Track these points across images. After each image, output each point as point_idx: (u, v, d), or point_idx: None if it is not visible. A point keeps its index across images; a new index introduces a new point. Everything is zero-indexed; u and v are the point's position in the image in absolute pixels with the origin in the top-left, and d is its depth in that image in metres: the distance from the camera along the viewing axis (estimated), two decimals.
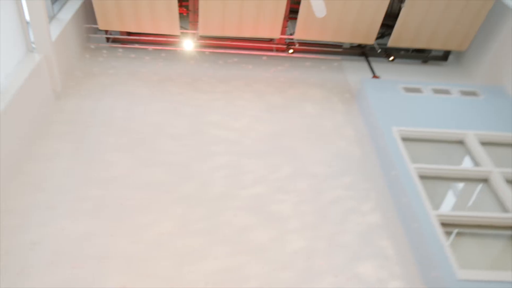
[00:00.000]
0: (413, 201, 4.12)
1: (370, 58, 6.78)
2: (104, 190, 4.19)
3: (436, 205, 4.27)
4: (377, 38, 6.86)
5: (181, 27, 6.19)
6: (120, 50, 6.39)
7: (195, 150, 4.79)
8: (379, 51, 6.60)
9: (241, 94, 5.73)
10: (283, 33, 6.35)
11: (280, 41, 6.51)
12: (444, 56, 6.92)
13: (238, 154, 4.81)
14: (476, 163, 4.79)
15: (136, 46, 6.44)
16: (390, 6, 7.02)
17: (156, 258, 3.63)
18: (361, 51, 6.76)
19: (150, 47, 6.44)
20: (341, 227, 4.10)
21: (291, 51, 6.44)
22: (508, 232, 4.11)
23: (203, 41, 6.42)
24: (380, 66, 6.67)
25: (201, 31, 5.97)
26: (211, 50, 6.49)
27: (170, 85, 5.76)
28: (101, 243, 3.70)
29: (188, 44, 6.31)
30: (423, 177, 4.52)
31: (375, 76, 6.14)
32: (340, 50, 6.70)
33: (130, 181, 4.32)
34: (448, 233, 4.03)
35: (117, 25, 5.92)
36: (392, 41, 6.30)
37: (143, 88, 5.66)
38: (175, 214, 4.05)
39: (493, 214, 4.15)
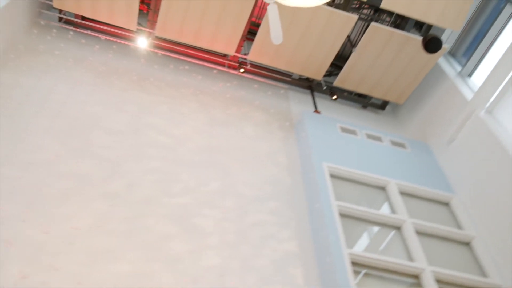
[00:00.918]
0: (330, 236, 4.30)
1: (315, 93, 7.06)
2: (25, 173, 4.02)
3: (351, 244, 4.49)
4: (325, 75, 7.17)
5: (138, 24, 6.12)
6: (71, 33, 6.20)
7: (130, 149, 4.73)
8: (324, 88, 6.90)
9: (186, 102, 5.75)
10: (237, 51, 6.47)
11: (233, 59, 6.62)
12: (382, 105, 7.35)
13: (172, 161, 4.80)
14: (393, 210, 5.10)
15: (89, 32, 6.28)
16: (343, 47, 7.39)
17: (67, 252, 3.52)
18: (308, 85, 7.02)
19: (103, 37, 6.30)
20: (258, 251, 4.20)
21: (242, 70, 6.56)
22: (411, 280, 4.41)
23: (157, 42, 6.39)
24: (323, 102, 6.95)
25: (158, 31, 5.95)
26: (164, 52, 6.47)
27: (116, 79, 5.66)
28: (10, 227, 3.53)
29: (142, 42, 6.25)
30: (343, 215, 4.74)
31: (316, 111, 6.39)
32: (289, 79, 6.92)
33: (55, 169, 4.18)
34: (357, 272, 4.26)
35: (72, 7, 5.76)
36: (338, 81, 6.61)
37: (87, 76, 5.52)
38: (96, 210, 3.96)
39: (400, 261, 4.43)
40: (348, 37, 7.15)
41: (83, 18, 6.24)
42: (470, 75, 6.40)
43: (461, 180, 5.59)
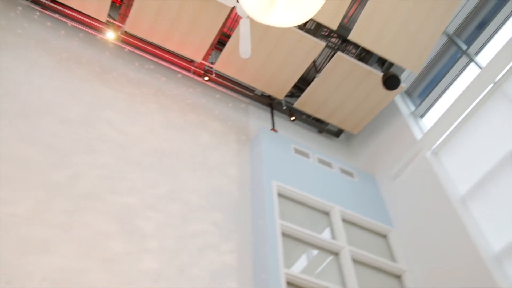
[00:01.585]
0: (269, 254, 4.36)
1: (275, 111, 7.17)
2: None
3: (289, 264, 4.56)
4: (287, 95, 7.30)
5: (109, 15, 6.04)
6: (38, 13, 6.02)
7: (80, 141, 4.62)
8: (284, 108, 7.02)
9: (145, 102, 5.69)
10: (205, 59, 6.49)
11: (199, 65, 6.63)
12: (337, 133, 7.56)
13: (122, 158, 4.73)
14: (333, 236, 5.24)
15: (56, 16, 6.12)
16: (307, 71, 7.56)
17: None
18: (269, 102, 7.12)
19: (70, 23, 6.16)
20: (197, 260, 4.20)
21: (206, 78, 6.58)
22: None
23: (125, 37, 6.31)
24: (281, 121, 7.06)
25: (128, 27, 5.88)
26: (130, 48, 6.40)
27: (77, 68, 5.54)
28: None
29: (110, 35, 6.16)
30: (285, 235, 4.82)
31: (273, 129, 6.49)
32: (251, 94, 7.00)
33: None
34: None
35: None
36: (299, 104, 6.75)
37: (48, 60, 5.36)
38: (36, 198, 3.84)
39: (333, 286, 4.54)
40: (314, 62, 7.34)
41: (53, 0, 6.08)
42: (422, 116, 6.72)
43: (401, 215, 5.82)
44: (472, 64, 6.10)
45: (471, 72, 6.08)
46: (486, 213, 4.90)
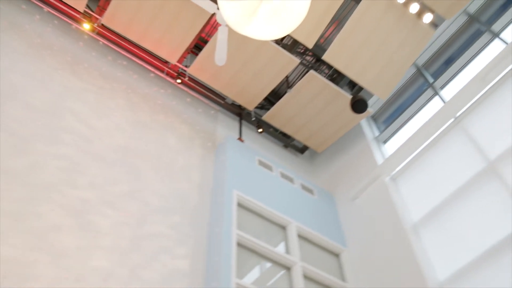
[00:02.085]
0: (222, 262, 4.37)
1: (243, 122, 7.21)
2: None
3: (241, 274, 4.59)
4: (257, 107, 7.37)
5: (87, 6, 5.96)
6: None
7: (43, 130, 4.51)
8: (253, 119, 7.08)
9: (115, 97, 5.63)
10: (180, 61, 6.48)
11: (173, 67, 6.61)
12: (302, 149, 7.67)
13: (84, 152, 4.65)
14: (287, 250, 5.30)
15: (32, 0, 5.99)
16: (279, 85, 7.66)
17: None
18: (239, 112, 7.16)
19: (46, 8, 6.02)
20: (149, 262, 4.17)
21: (179, 81, 6.56)
22: None
23: (102, 30, 6.22)
24: (248, 132, 7.12)
25: (105, 20, 5.81)
26: (105, 42, 6.31)
27: (49, 54, 5.42)
28: None
29: (86, 26, 6.06)
30: (240, 245, 4.85)
31: (240, 139, 6.53)
32: (221, 102, 7.03)
33: None
34: None
35: None
36: (267, 116, 6.82)
37: (19, 44, 5.22)
38: None
39: None
40: (287, 77, 7.45)
41: None
42: (385, 141, 6.92)
43: (355, 236, 5.95)
44: (436, 97, 6.35)
45: (435, 105, 6.32)
46: (435, 242, 5.09)
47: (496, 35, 5.91)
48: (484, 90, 5.48)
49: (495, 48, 5.84)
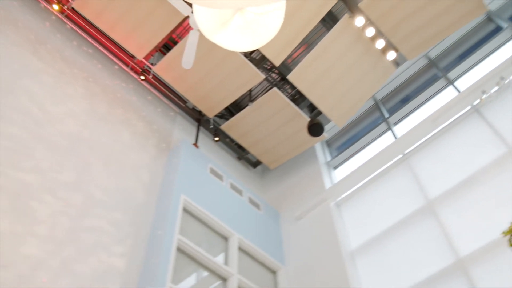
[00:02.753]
0: (159, 266, 4.32)
1: (201, 128, 7.20)
2: None
3: (177, 280, 4.54)
4: (217, 115, 7.39)
5: None
6: None
7: None
8: (211, 126, 7.09)
9: (74, 84, 5.49)
10: (146, 58, 6.43)
11: (139, 63, 6.54)
12: (255, 163, 7.74)
13: (34, 135, 4.49)
14: (226, 261, 5.31)
15: None
16: (242, 97, 7.73)
17: None
18: (198, 118, 7.15)
19: None
20: (84, 256, 4.06)
21: (142, 77, 6.50)
22: None
23: (71, 14, 6.08)
24: (205, 139, 7.11)
25: (76, 4, 5.68)
26: (73, 26, 6.17)
27: (11, 30, 5.22)
28: None
29: (55, 6, 5.90)
30: (180, 250, 4.81)
31: (195, 144, 6.51)
32: (182, 105, 7.00)
33: None
34: None
35: None
36: (226, 126, 6.85)
37: None
38: None
39: None
40: (250, 90, 7.54)
41: None
42: (335, 167, 7.11)
43: (294, 256, 6.03)
44: (389, 132, 6.61)
45: (386, 139, 6.57)
46: (369, 271, 5.25)
47: (451, 82, 6.25)
48: (433, 132, 5.77)
49: (448, 94, 6.18)
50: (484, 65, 6.03)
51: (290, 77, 6.16)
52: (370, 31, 6.03)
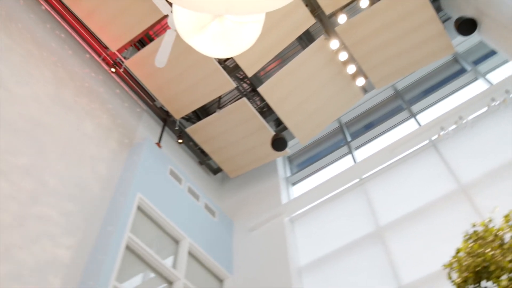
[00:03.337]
0: (106, 262, 4.24)
1: (166, 128, 7.15)
2: None
3: (122, 278, 4.46)
4: (183, 117, 7.36)
5: None
6: None
7: None
8: (176, 128, 7.04)
9: (42, 67, 5.35)
10: (120, 51, 6.36)
11: (112, 55, 6.45)
12: (215, 170, 7.74)
13: None
14: (174, 265, 5.26)
15: None
16: (211, 103, 7.75)
17: None
18: (164, 118, 7.10)
19: None
20: (28, 244, 3.93)
21: (113, 70, 6.41)
22: None
23: None
24: (168, 139, 7.06)
25: None
26: (49, 8, 6.03)
27: None
28: None
29: None
30: (129, 248, 4.74)
31: (158, 144, 6.45)
32: (150, 103, 6.94)
33: None
34: None
35: None
36: (191, 130, 6.83)
37: None
38: None
39: None
40: (220, 97, 7.56)
41: None
42: (294, 184, 7.20)
43: (243, 266, 6.04)
44: (349, 156, 6.77)
45: (346, 162, 6.72)
46: None
47: (413, 115, 6.48)
48: (391, 161, 5.96)
49: (409, 126, 6.40)
50: (445, 103, 6.30)
51: (261, 89, 6.23)
52: (343, 55, 6.20)
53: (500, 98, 5.40)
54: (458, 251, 2.90)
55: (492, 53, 6.08)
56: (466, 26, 5.48)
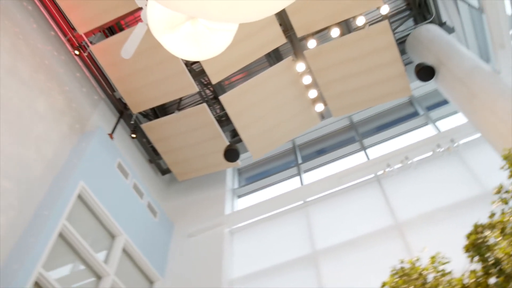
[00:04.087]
0: (35, 247, 4.08)
1: (122, 120, 7.01)
2: None
3: (50, 266, 4.30)
4: (141, 112, 7.27)
5: None
6: None
7: None
8: (132, 122, 6.92)
9: (2, 36, 5.13)
10: (87, 35, 6.22)
11: (78, 37, 6.27)
12: (164, 171, 7.64)
13: None
14: (106, 260, 5.14)
15: None
16: (171, 103, 7.71)
17: None
18: (121, 110, 6.96)
19: None
20: None
21: (77, 52, 6.26)
22: None
23: None
24: (122, 132, 6.93)
25: None
26: None
27: None
28: None
29: None
30: (62, 236, 4.60)
31: (110, 135, 6.31)
32: (109, 92, 6.78)
33: None
34: None
35: None
36: (146, 126, 6.75)
37: None
38: None
39: None
40: (181, 99, 7.54)
41: None
42: (240, 196, 7.25)
43: (176, 272, 5.98)
44: (298, 177, 6.91)
45: (294, 183, 6.85)
46: None
47: (363, 148, 6.72)
48: (336, 189, 6.13)
49: (359, 158, 6.63)
50: (395, 142, 6.59)
51: (222, 98, 6.28)
52: (307, 79, 6.37)
53: (445, 145, 5.71)
54: (383, 284, 3.02)
55: (445, 102, 6.43)
56: (425, 72, 5.78)
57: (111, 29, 7.04)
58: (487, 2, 5.09)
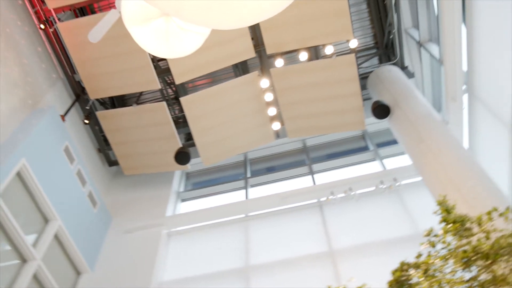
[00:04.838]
0: None
1: (77, 104, 6.83)
2: None
3: None
4: (98, 99, 7.11)
5: None
6: None
7: None
8: (87, 107, 6.75)
9: None
10: (57, 11, 6.07)
11: (47, 11, 6.08)
12: (112, 162, 7.48)
13: None
14: (35, 244, 4.95)
15: None
16: (130, 95, 7.61)
17: None
18: (78, 93, 6.77)
19: None
20: None
21: (42, 26, 6.09)
22: None
23: None
24: (75, 116, 6.76)
25: None
26: None
27: None
28: None
29: None
30: None
31: (62, 117, 6.12)
32: (69, 74, 6.59)
33: None
34: None
35: None
36: (101, 114, 6.59)
37: None
38: None
39: None
40: (141, 93, 7.46)
41: None
42: (183, 200, 7.22)
43: (106, 266, 5.83)
44: (244, 190, 6.96)
45: (239, 195, 6.90)
46: None
47: (311, 172, 6.88)
48: (278, 208, 6.24)
49: (305, 181, 6.78)
50: (341, 172, 6.80)
51: (183, 100, 6.27)
52: (269, 96, 6.48)
53: (388, 183, 5.95)
54: None
55: (394, 141, 6.72)
56: (381, 111, 6.01)
57: (83, 10, 6.91)
58: (447, 55, 5.40)
